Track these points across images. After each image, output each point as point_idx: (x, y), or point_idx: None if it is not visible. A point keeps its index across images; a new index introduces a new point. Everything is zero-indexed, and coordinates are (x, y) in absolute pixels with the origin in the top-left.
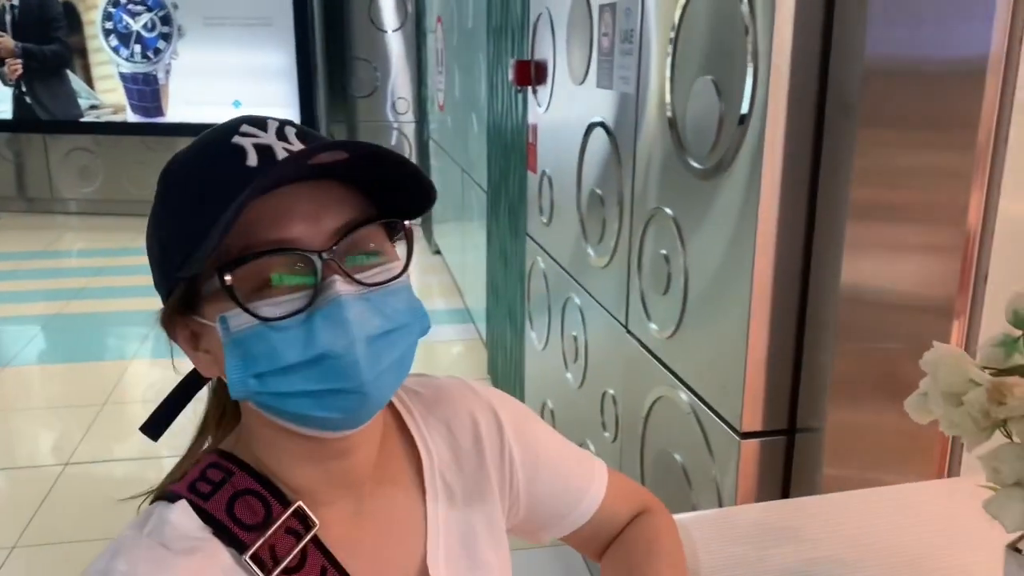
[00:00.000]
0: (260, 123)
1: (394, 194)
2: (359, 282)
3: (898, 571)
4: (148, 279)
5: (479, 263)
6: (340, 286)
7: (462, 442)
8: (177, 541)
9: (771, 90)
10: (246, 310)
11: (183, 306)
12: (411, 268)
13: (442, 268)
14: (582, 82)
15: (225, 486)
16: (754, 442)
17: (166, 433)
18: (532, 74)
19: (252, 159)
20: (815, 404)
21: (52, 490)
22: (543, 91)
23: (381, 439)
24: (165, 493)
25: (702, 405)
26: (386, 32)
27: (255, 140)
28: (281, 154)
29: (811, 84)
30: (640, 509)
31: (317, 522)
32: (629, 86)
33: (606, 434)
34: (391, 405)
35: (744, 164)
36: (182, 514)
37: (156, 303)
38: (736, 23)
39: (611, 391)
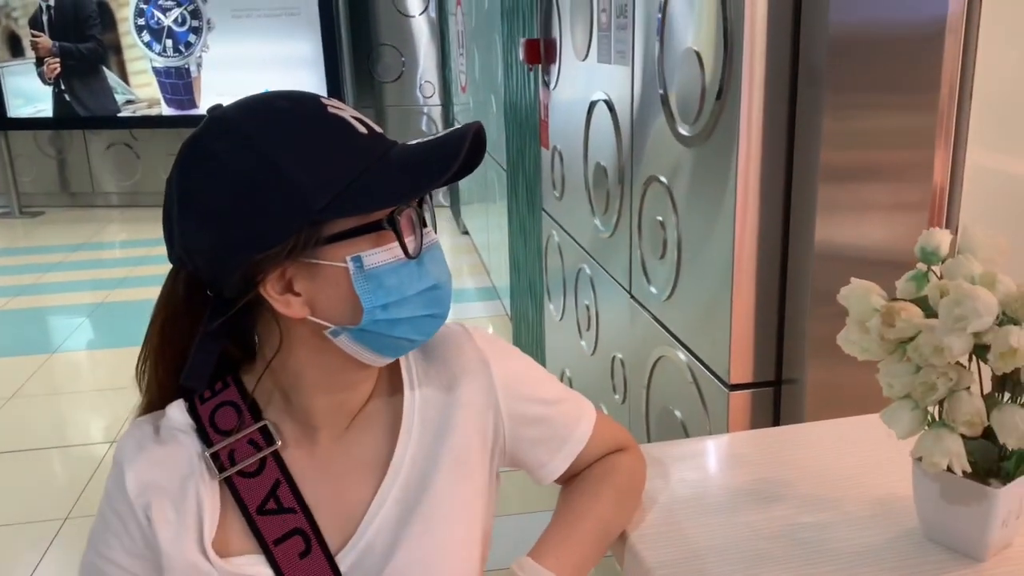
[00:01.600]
0: (335, 101)
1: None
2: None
3: (830, 489)
4: None
5: (502, 241)
6: (431, 236)
7: (448, 385)
8: (166, 430)
9: (747, 60)
10: (403, 246)
11: (300, 250)
12: (443, 248)
13: (470, 248)
14: (585, 58)
15: (218, 396)
16: (743, 394)
17: None
18: (542, 52)
19: (361, 128)
20: (798, 357)
21: (100, 466)
22: (553, 69)
23: (376, 379)
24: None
25: (696, 362)
26: (411, 17)
27: (349, 113)
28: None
29: (784, 54)
30: (614, 450)
31: (279, 441)
32: (625, 60)
33: (616, 396)
34: None
35: (724, 131)
36: (178, 410)
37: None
38: None
39: (619, 355)
